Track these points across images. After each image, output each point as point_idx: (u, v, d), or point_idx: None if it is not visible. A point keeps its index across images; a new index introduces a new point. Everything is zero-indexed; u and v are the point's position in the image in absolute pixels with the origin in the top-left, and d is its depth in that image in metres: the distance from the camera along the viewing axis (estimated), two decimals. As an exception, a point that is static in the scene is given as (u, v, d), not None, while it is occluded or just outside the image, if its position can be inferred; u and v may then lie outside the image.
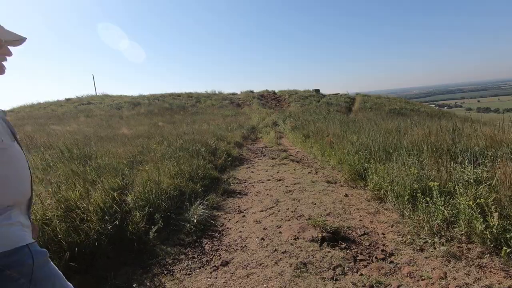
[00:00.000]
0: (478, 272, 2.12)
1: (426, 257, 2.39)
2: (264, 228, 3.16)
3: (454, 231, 2.58)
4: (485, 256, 2.25)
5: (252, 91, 25.27)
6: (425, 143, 4.27)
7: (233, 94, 25.30)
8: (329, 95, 23.44)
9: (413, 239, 2.63)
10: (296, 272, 2.32)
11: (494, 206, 2.31)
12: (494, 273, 2.09)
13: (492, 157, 3.30)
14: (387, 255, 2.50)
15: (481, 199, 2.37)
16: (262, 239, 2.93)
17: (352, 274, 2.27)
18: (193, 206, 3.37)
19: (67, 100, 24.50)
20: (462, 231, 2.48)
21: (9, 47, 1.05)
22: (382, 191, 3.59)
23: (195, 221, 3.15)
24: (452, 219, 2.64)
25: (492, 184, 2.69)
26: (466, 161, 3.34)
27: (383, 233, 2.88)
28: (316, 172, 5.31)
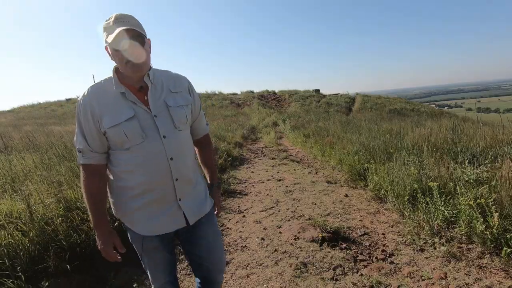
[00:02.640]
0: (478, 273, 2.12)
1: (426, 257, 2.39)
2: (264, 228, 3.15)
3: (454, 231, 2.58)
4: (486, 257, 2.25)
5: (252, 91, 25.27)
6: (425, 143, 4.27)
7: (233, 94, 25.31)
8: (329, 95, 23.44)
9: (413, 239, 2.63)
10: (296, 272, 2.32)
11: (494, 206, 2.31)
12: (495, 274, 2.09)
13: (492, 157, 3.30)
14: (387, 255, 2.50)
15: (482, 199, 2.36)
16: (262, 239, 2.93)
17: (352, 274, 2.27)
18: (193, 206, 3.37)
19: (68, 100, 24.51)
20: (462, 231, 2.48)
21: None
22: (382, 191, 3.59)
23: (195, 221, 3.15)
24: (452, 219, 2.64)
25: (493, 184, 2.69)
26: (467, 161, 3.34)
27: (383, 233, 2.88)
28: (316, 172, 5.31)
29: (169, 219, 1.31)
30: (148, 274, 1.45)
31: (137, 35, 1.15)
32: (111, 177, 1.30)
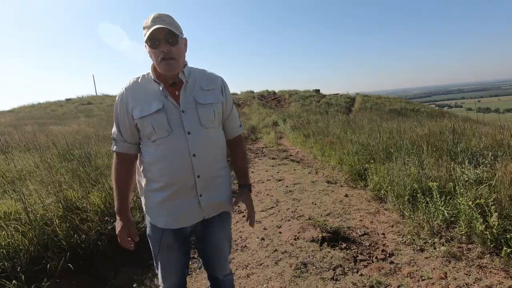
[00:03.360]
0: (478, 272, 2.12)
1: (426, 257, 2.39)
2: (264, 228, 3.16)
3: (454, 231, 2.58)
4: (485, 256, 2.25)
5: (252, 91, 25.28)
6: (425, 143, 4.26)
7: (233, 94, 25.31)
8: (329, 95, 23.42)
9: (413, 239, 2.63)
10: (296, 272, 2.32)
11: (494, 207, 2.31)
12: (495, 273, 2.09)
13: (492, 157, 3.30)
14: (387, 255, 2.50)
15: (481, 200, 2.36)
16: (262, 239, 2.93)
17: (352, 274, 2.27)
18: (193, 206, 3.37)
19: (68, 100, 24.52)
20: (462, 231, 2.48)
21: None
22: (382, 191, 3.59)
23: (195, 221, 3.15)
24: (452, 219, 2.64)
25: (493, 184, 2.69)
26: (467, 161, 3.34)
27: (383, 233, 2.88)
28: (316, 172, 5.31)
29: (188, 214, 1.33)
30: (159, 272, 1.44)
31: (171, 34, 1.21)
32: (141, 167, 1.37)
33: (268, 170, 5.75)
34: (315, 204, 3.75)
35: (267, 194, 4.27)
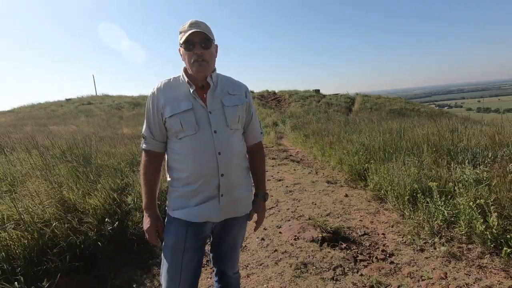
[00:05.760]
0: (478, 273, 2.12)
1: (426, 257, 2.38)
2: (264, 229, 3.15)
3: (454, 231, 2.58)
4: (486, 257, 2.25)
5: (252, 91, 25.31)
6: (425, 143, 4.27)
7: (233, 94, 25.29)
8: (329, 95, 23.42)
9: (413, 239, 2.63)
10: (296, 272, 2.32)
11: (494, 207, 2.31)
12: (495, 274, 2.09)
13: (492, 157, 3.30)
14: (387, 255, 2.50)
15: (481, 200, 2.36)
16: (262, 239, 2.93)
17: (352, 275, 2.27)
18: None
19: (68, 100, 24.51)
20: (462, 231, 2.48)
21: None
22: (382, 191, 3.59)
23: (195, 221, 3.14)
24: (452, 219, 2.64)
25: (492, 184, 2.69)
26: (467, 161, 3.34)
27: (383, 233, 2.88)
28: (316, 172, 5.31)
29: (208, 212, 1.35)
30: (170, 275, 1.35)
31: (206, 39, 1.29)
32: (167, 164, 1.42)
33: (268, 170, 5.75)
34: (315, 204, 3.75)
35: (267, 194, 4.27)
